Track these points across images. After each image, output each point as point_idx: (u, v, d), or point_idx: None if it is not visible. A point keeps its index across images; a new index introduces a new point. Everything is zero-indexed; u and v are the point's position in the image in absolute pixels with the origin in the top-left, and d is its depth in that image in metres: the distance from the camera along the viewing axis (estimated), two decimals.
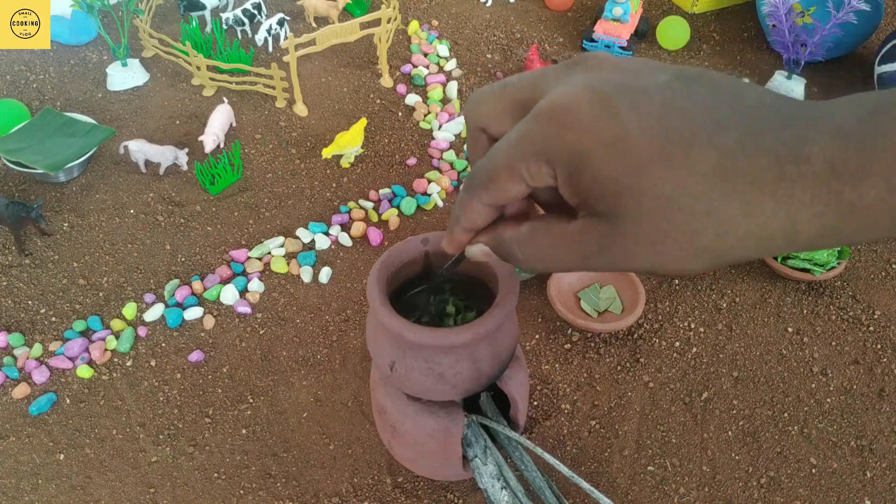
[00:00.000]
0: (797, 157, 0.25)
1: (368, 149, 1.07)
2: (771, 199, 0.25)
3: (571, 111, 0.27)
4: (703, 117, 0.26)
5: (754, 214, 0.26)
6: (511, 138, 0.30)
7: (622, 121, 0.26)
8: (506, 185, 0.30)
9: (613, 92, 0.27)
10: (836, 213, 0.25)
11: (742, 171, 0.25)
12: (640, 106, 0.26)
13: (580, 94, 0.27)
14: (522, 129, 0.29)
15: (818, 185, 0.25)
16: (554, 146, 0.28)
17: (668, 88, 0.27)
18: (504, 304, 0.54)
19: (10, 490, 0.69)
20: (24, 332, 0.83)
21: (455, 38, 1.30)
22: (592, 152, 0.27)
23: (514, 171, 0.29)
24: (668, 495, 0.69)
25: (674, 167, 0.26)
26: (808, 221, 0.26)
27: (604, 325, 0.80)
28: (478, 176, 0.31)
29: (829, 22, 1.08)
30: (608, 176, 0.26)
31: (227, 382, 0.79)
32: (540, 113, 0.28)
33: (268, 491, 0.69)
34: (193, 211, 0.97)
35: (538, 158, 0.28)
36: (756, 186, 0.25)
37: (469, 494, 0.68)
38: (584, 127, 0.27)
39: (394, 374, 0.57)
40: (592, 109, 0.27)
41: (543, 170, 0.29)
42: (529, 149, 0.29)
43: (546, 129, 0.28)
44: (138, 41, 1.22)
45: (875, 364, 0.81)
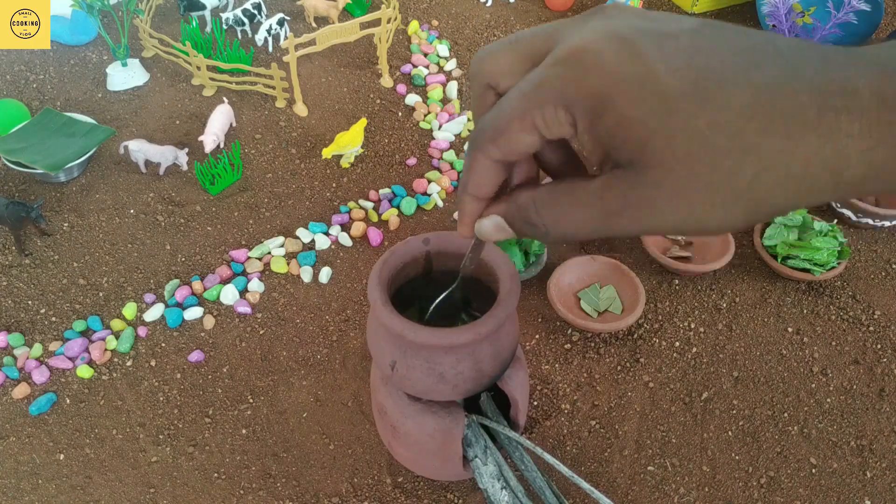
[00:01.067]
0: (843, 89, 0.23)
1: (368, 149, 1.07)
2: (814, 133, 0.23)
3: (592, 53, 0.25)
4: (736, 57, 0.24)
5: (797, 150, 0.23)
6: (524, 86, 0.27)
7: (648, 60, 0.24)
8: (517, 135, 0.28)
9: (638, 35, 0.25)
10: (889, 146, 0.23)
11: (782, 105, 0.23)
12: (667, 47, 0.24)
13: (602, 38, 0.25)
14: (537, 75, 0.27)
15: (867, 116, 0.23)
16: (573, 90, 0.26)
17: (697, 32, 0.25)
18: (505, 304, 0.54)
19: (10, 490, 0.69)
20: (24, 332, 0.83)
21: (455, 38, 1.30)
22: (616, 93, 0.25)
23: (527, 119, 0.27)
24: (668, 495, 0.69)
25: (706, 103, 0.24)
26: (856, 156, 0.23)
27: (604, 325, 0.80)
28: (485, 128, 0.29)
29: (829, 22, 1.08)
30: (634, 117, 0.25)
31: (227, 382, 0.79)
32: (558, 57, 0.26)
33: (268, 491, 0.69)
34: (193, 211, 0.97)
35: (555, 104, 0.26)
36: (798, 119, 0.23)
37: (469, 494, 0.68)
38: (607, 68, 0.25)
39: (394, 374, 0.57)
40: (616, 51, 0.25)
41: (561, 116, 0.26)
42: (546, 94, 0.26)
43: (565, 72, 0.26)
44: (138, 41, 1.22)
45: (875, 364, 0.81)
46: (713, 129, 0.24)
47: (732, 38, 0.25)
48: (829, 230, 0.88)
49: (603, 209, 0.27)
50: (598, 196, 0.27)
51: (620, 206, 0.27)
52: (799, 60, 0.24)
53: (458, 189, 0.33)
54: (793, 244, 0.87)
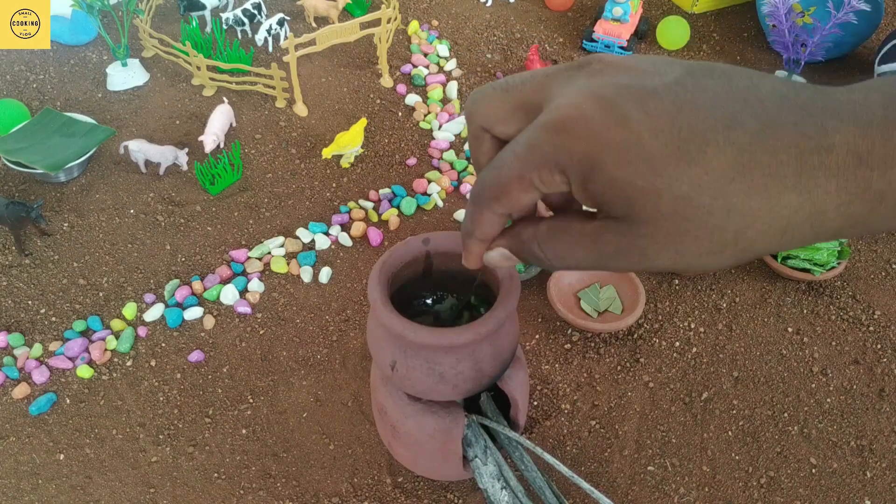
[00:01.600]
0: (819, 147, 0.24)
1: (368, 149, 1.07)
2: (794, 192, 0.24)
3: (579, 120, 0.27)
4: (717, 112, 0.25)
5: (777, 208, 0.25)
6: (518, 150, 0.29)
7: (631, 124, 0.25)
8: (518, 195, 0.30)
9: (620, 96, 0.26)
10: (864, 201, 0.24)
11: (761, 164, 0.24)
12: (650, 107, 0.26)
13: (587, 102, 0.27)
14: (530, 139, 0.29)
15: (843, 174, 0.24)
16: (564, 156, 0.27)
17: (678, 86, 0.26)
18: (505, 304, 0.54)
19: (10, 490, 0.69)
20: (24, 332, 0.83)
21: (455, 38, 1.30)
22: (604, 158, 0.26)
23: (525, 180, 0.29)
24: (668, 495, 0.69)
25: (689, 165, 0.25)
26: (834, 211, 0.25)
27: (604, 325, 0.80)
28: (487, 188, 0.31)
29: (829, 22, 1.08)
30: (622, 180, 0.26)
31: (227, 382, 0.79)
32: (547, 123, 0.28)
33: (268, 491, 0.69)
34: (193, 211, 0.97)
35: (550, 168, 0.28)
36: (777, 179, 0.24)
37: (469, 494, 0.68)
38: (594, 134, 0.26)
39: (395, 374, 0.57)
40: (601, 116, 0.26)
41: (556, 178, 0.28)
42: (540, 159, 0.28)
43: (555, 139, 0.27)
44: (138, 41, 1.22)
45: (875, 364, 0.81)
46: (696, 190, 0.25)
47: (714, 89, 0.26)
48: None
49: (598, 252, 0.29)
50: (593, 239, 0.29)
51: (614, 251, 0.29)
52: (779, 111, 0.25)
53: (463, 233, 0.35)
54: None
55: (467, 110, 0.34)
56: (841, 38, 1.13)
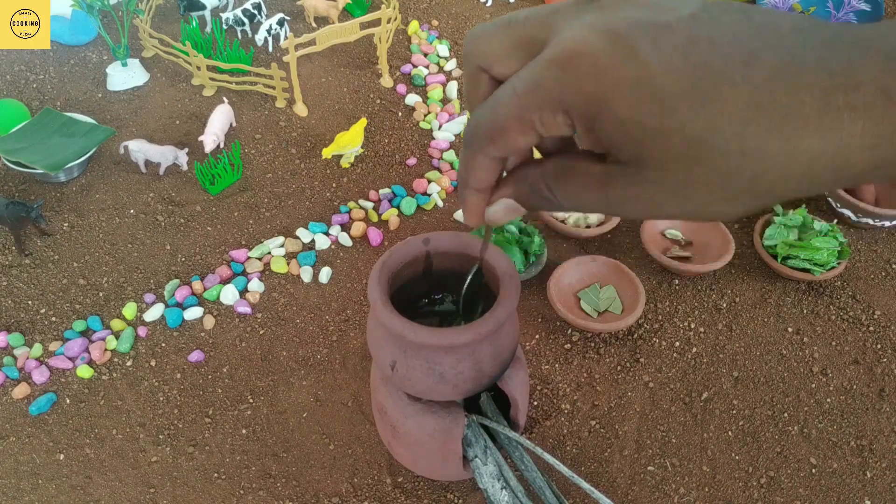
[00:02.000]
0: (845, 85, 0.22)
1: (368, 149, 1.07)
2: (816, 134, 0.23)
3: (586, 56, 0.25)
4: (735, 49, 0.23)
5: (797, 152, 0.23)
6: (519, 87, 0.27)
7: (643, 59, 0.24)
8: (516, 136, 0.28)
9: (632, 30, 0.24)
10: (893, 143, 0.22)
11: (781, 105, 0.23)
12: (663, 42, 0.24)
13: (595, 36, 0.25)
14: (532, 76, 0.27)
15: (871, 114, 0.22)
16: (570, 94, 0.25)
17: (694, 20, 0.24)
18: (505, 304, 0.54)
19: (10, 490, 0.69)
20: (24, 332, 0.83)
21: (455, 38, 1.30)
22: (613, 96, 0.24)
23: (525, 121, 0.27)
24: (668, 495, 0.69)
25: (704, 105, 0.23)
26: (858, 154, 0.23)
27: (604, 325, 0.80)
28: (482, 128, 0.29)
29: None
30: (631, 120, 0.24)
31: (227, 382, 0.79)
32: (552, 59, 0.26)
33: (268, 491, 0.69)
34: (193, 211, 0.97)
35: (553, 108, 0.26)
36: (798, 121, 0.23)
37: (469, 494, 0.68)
38: (602, 71, 0.24)
39: (395, 374, 0.57)
40: (610, 51, 0.24)
41: (559, 119, 0.26)
42: (542, 98, 0.26)
43: (560, 75, 0.26)
44: (138, 41, 1.22)
45: (875, 364, 0.81)
46: (711, 131, 0.23)
47: (732, 24, 0.24)
48: (829, 230, 0.88)
49: (607, 196, 0.28)
50: (602, 183, 0.28)
51: (622, 196, 0.27)
52: (801, 48, 0.23)
53: (459, 185, 0.33)
54: (793, 244, 0.87)
55: (465, 48, 0.31)
56: None
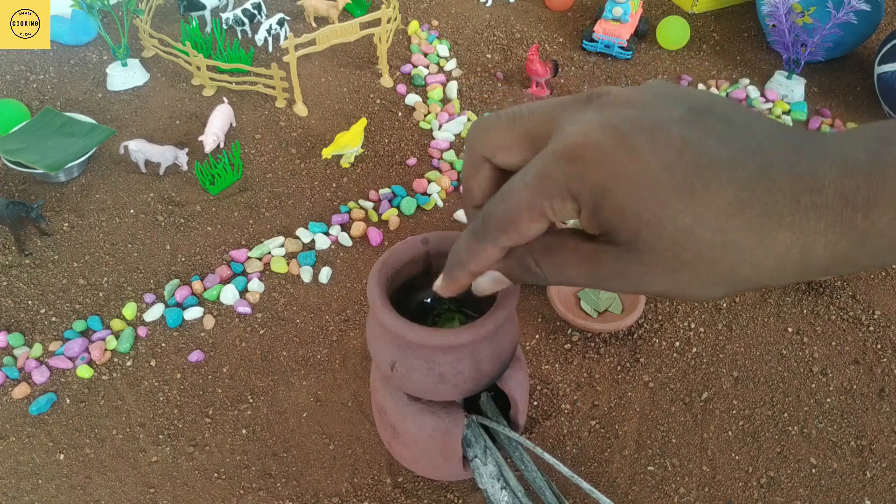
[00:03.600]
0: (811, 188, 0.26)
1: (368, 149, 1.07)
2: (787, 230, 0.26)
3: (592, 149, 0.28)
4: (719, 152, 0.27)
5: (771, 244, 0.26)
6: (529, 179, 0.29)
7: (642, 154, 0.27)
8: (527, 225, 0.30)
9: (631, 127, 0.27)
10: (850, 240, 0.26)
11: (759, 202, 0.26)
12: (659, 140, 0.27)
13: (598, 132, 0.28)
14: (541, 168, 0.29)
15: (831, 213, 0.26)
16: (577, 185, 0.28)
17: (684, 123, 0.27)
18: (505, 304, 0.54)
19: (10, 490, 0.69)
20: (24, 332, 0.83)
21: (455, 38, 1.30)
22: (616, 187, 0.27)
23: (536, 210, 0.29)
24: (668, 495, 0.69)
25: (693, 200, 0.26)
26: (822, 249, 0.26)
27: (604, 325, 0.80)
28: (495, 219, 0.31)
29: (829, 22, 1.08)
30: (630, 210, 0.27)
31: (227, 382, 0.79)
32: (560, 152, 0.29)
33: (268, 491, 0.69)
34: (193, 211, 0.97)
35: (562, 196, 0.29)
36: (773, 217, 0.26)
37: (469, 494, 0.68)
38: (607, 163, 0.27)
39: (394, 375, 0.57)
40: (612, 145, 0.27)
41: (569, 206, 0.29)
42: (552, 187, 0.29)
43: (567, 167, 0.28)
44: (138, 41, 1.22)
45: (875, 364, 0.81)
46: (698, 223, 0.26)
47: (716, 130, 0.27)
48: None
49: (594, 272, 0.30)
50: (591, 260, 0.30)
51: (610, 273, 0.30)
52: (773, 153, 0.27)
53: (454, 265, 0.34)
54: None
55: (470, 138, 0.34)
56: (841, 38, 1.13)
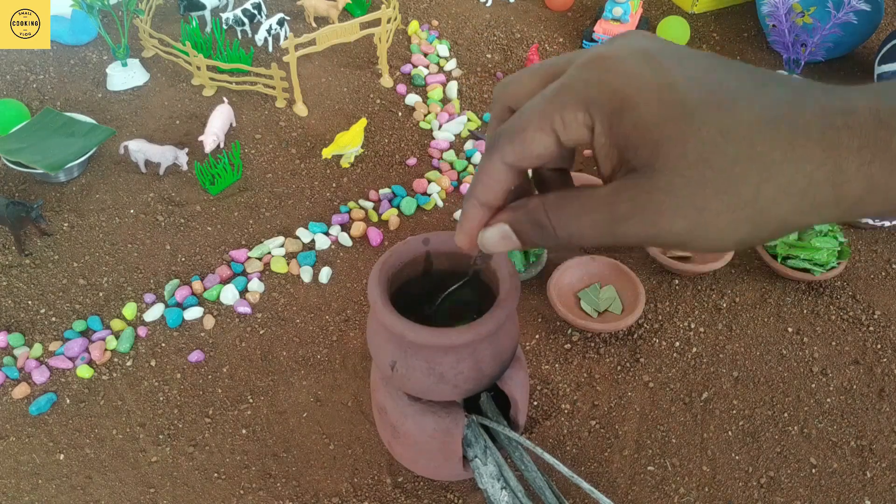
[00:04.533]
0: (843, 109, 0.25)
1: (368, 149, 1.07)
2: (817, 146, 0.25)
3: (616, 59, 0.27)
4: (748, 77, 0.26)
5: (800, 161, 0.25)
6: (547, 91, 0.29)
7: (668, 70, 0.26)
8: (534, 135, 0.29)
9: (659, 51, 0.27)
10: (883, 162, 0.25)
11: (788, 120, 0.25)
12: (686, 63, 0.27)
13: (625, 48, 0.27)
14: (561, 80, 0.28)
15: (865, 133, 0.25)
16: (595, 90, 0.27)
17: (711, 57, 0.27)
18: (505, 304, 0.54)
19: (10, 490, 0.69)
20: (24, 332, 0.83)
21: (455, 38, 1.30)
22: (637, 96, 0.26)
23: (546, 120, 0.28)
24: (668, 495, 0.69)
25: (720, 113, 0.25)
26: (855, 170, 0.25)
27: (604, 325, 0.80)
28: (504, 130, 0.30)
29: (829, 22, 1.08)
30: (652, 122, 0.26)
31: (227, 382, 0.79)
32: (583, 61, 0.28)
33: (268, 491, 0.69)
34: (193, 211, 0.97)
35: (576, 106, 0.27)
36: (803, 133, 0.25)
37: (469, 494, 0.68)
38: (631, 73, 0.26)
39: (395, 374, 0.57)
40: (637, 59, 0.27)
41: (580, 118, 0.28)
42: (568, 95, 0.28)
43: (588, 74, 0.27)
44: (138, 41, 1.22)
45: (875, 364, 0.81)
46: (725, 137, 0.25)
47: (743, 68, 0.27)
48: (829, 230, 0.88)
49: (612, 213, 0.28)
50: (608, 200, 0.28)
51: (629, 210, 0.27)
52: (804, 87, 0.26)
53: (465, 196, 0.33)
54: (793, 244, 0.87)
55: (496, 92, 0.33)
56: (841, 38, 1.13)
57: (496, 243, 0.33)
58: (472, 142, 1.09)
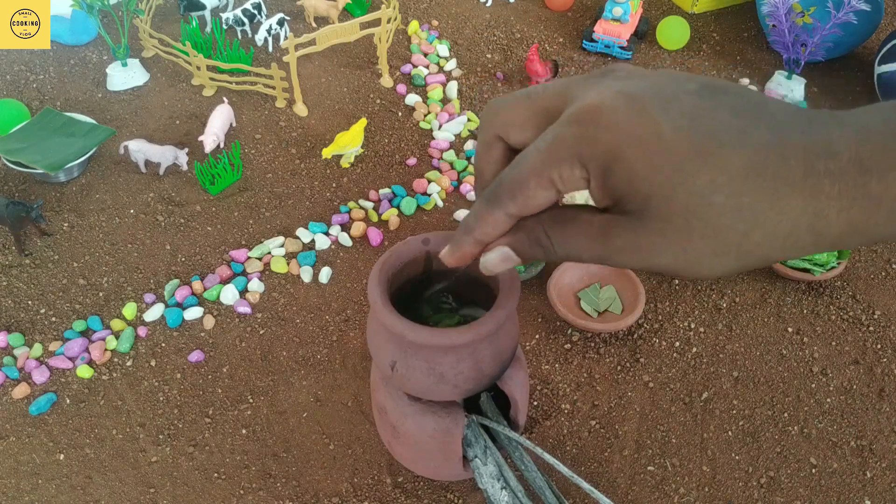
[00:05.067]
0: (825, 153, 0.26)
1: (368, 149, 1.07)
2: (800, 195, 0.26)
3: (606, 112, 0.27)
4: (732, 121, 0.27)
5: (783, 210, 0.26)
6: (541, 144, 0.29)
7: (655, 120, 0.27)
8: (535, 192, 0.30)
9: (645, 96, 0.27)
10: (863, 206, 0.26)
11: (772, 167, 0.26)
12: (672, 108, 0.27)
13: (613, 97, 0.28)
14: (553, 134, 0.29)
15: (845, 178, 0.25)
16: (588, 148, 0.28)
17: (697, 95, 0.27)
18: (505, 304, 0.54)
19: (10, 490, 0.69)
20: (24, 332, 0.83)
21: (455, 38, 1.30)
22: (628, 151, 0.27)
23: (545, 176, 0.29)
24: (668, 495, 0.69)
25: (707, 164, 0.26)
26: (835, 216, 0.26)
27: (604, 325, 0.80)
28: (505, 185, 0.31)
29: (829, 22, 1.08)
30: (642, 174, 0.27)
31: (227, 382, 0.79)
32: (573, 116, 0.28)
33: (268, 491, 0.69)
34: (193, 211, 0.97)
35: (571, 161, 0.28)
36: (786, 182, 0.26)
37: (469, 494, 0.68)
38: (620, 127, 0.27)
39: (395, 374, 0.57)
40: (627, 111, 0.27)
41: (577, 173, 0.29)
42: (563, 152, 0.28)
43: (580, 130, 0.28)
44: (138, 41, 1.22)
45: (875, 364, 0.81)
46: (712, 188, 0.26)
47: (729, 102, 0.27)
48: None
49: (605, 244, 0.30)
50: (602, 233, 0.29)
51: (621, 245, 0.29)
52: (788, 123, 0.27)
53: (462, 229, 0.34)
54: None
55: (485, 117, 0.34)
56: (841, 38, 1.13)
57: (497, 265, 0.34)
58: (472, 142, 1.09)
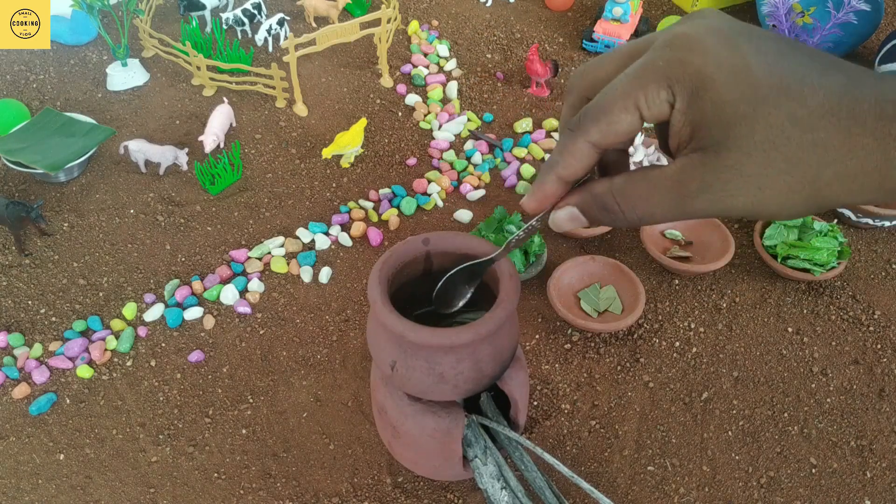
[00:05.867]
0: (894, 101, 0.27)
1: (368, 149, 1.07)
2: (871, 136, 0.27)
3: (697, 40, 0.29)
4: (812, 62, 0.28)
5: (853, 149, 0.27)
6: (630, 70, 0.30)
7: (745, 53, 0.28)
8: (619, 116, 0.30)
9: (735, 32, 0.29)
10: None
11: (847, 107, 0.27)
12: (760, 46, 0.28)
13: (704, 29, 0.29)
14: (643, 60, 0.30)
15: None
16: (678, 69, 0.29)
17: (779, 38, 0.29)
18: (505, 304, 0.54)
19: (10, 490, 0.69)
20: (24, 332, 0.83)
21: (455, 38, 1.30)
22: (717, 77, 0.28)
23: (630, 98, 0.30)
24: (668, 495, 0.69)
25: (789, 99, 0.27)
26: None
27: (604, 325, 0.80)
28: (590, 111, 0.31)
29: (829, 22, 1.08)
30: (728, 101, 0.28)
31: (227, 382, 0.79)
32: (665, 41, 0.30)
33: (268, 491, 0.69)
34: (193, 211, 0.97)
35: (659, 83, 0.29)
36: (858, 122, 0.27)
37: (469, 494, 0.68)
38: (710, 54, 0.28)
39: (395, 374, 0.57)
40: (715, 40, 0.28)
41: (663, 95, 0.29)
42: (651, 74, 0.29)
43: (672, 54, 0.29)
44: (138, 41, 1.22)
45: (875, 364, 0.81)
46: (791, 121, 0.27)
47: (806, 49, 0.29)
48: (828, 230, 0.88)
49: (679, 191, 0.30)
50: (676, 179, 0.30)
51: (697, 187, 0.29)
52: (861, 72, 0.28)
53: (543, 168, 0.34)
54: (793, 244, 0.87)
55: (573, 81, 0.34)
56: (841, 38, 1.13)
57: (564, 223, 0.35)
58: (472, 142, 1.09)
